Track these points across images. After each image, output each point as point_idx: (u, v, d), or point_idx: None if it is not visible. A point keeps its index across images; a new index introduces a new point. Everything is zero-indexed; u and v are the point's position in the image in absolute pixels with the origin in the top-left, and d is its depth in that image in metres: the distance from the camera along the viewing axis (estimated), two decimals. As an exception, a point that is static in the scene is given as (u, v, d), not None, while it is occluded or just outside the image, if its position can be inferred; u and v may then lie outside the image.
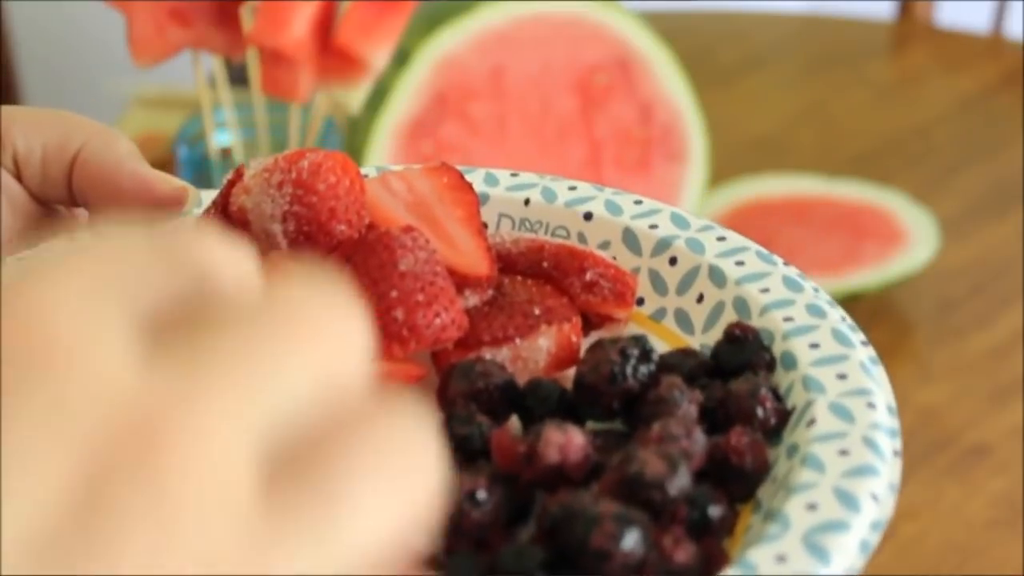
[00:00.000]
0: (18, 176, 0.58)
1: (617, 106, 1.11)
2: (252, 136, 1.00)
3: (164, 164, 0.67)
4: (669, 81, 1.11)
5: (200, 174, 0.96)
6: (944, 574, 0.87)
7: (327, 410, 0.25)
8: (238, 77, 1.05)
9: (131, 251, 0.25)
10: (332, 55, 0.91)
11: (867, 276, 1.08)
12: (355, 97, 0.93)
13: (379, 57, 0.91)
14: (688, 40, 1.32)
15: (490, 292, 0.54)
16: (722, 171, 1.18)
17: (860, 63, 1.42)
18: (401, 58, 1.06)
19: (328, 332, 0.26)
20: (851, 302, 1.08)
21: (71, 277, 0.24)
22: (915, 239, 1.10)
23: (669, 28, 1.20)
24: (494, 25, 1.08)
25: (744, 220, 1.15)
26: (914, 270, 1.08)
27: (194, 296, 0.25)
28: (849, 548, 0.43)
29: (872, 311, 1.08)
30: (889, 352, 1.05)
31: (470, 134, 1.09)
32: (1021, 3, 1.66)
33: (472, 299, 0.53)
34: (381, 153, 1.06)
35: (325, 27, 0.91)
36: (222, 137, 0.99)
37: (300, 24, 0.88)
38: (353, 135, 1.09)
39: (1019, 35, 1.56)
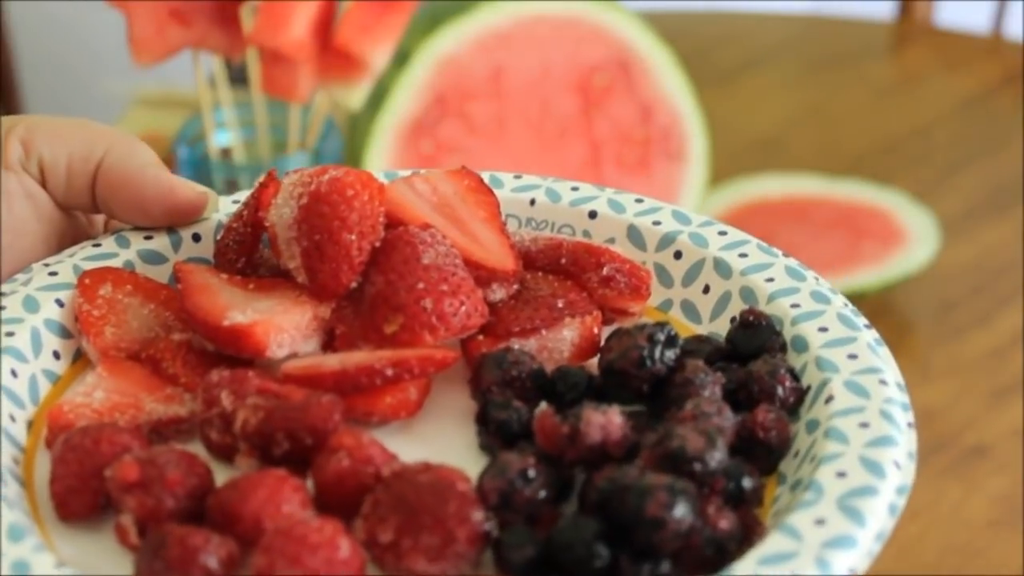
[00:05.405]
0: (43, 183, 0.59)
1: (617, 106, 1.11)
2: (252, 136, 1.00)
3: (164, 164, 0.68)
4: (669, 81, 1.11)
5: (200, 174, 0.96)
6: (944, 574, 0.87)
7: None
8: (238, 77, 1.06)
9: None
10: (332, 55, 0.91)
11: (867, 276, 1.08)
12: (355, 97, 0.93)
13: (379, 57, 0.91)
14: (688, 40, 1.32)
15: (515, 286, 0.56)
16: (722, 171, 1.18)
17: (860, 63, 1.42)
18: (401, 58, 1.06)
19: None
20: (851, 302, 1.08)
21: None
22: (915, 239, 1.10)
23: (669, 28, 1.20)
24: (494, 25, 1.08)
25: (744, 220, 1.15)
26: (914, 270, 1.08)
27: None
28: (879, 511, 0.47)
29: (872, 311, 1.08)
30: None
31: (470, 134, 1.09)
32: (1021, 3, 1.66)
33: (499, 293, 0.56)
34: (381, 153, 1.06)
35: (325, 27, 0.91)
36: (222, 137, 0.99)
37: (300, 24, 0.88)
38: (353, 135, 1.09)
39: (1019, 35, 1.56)
